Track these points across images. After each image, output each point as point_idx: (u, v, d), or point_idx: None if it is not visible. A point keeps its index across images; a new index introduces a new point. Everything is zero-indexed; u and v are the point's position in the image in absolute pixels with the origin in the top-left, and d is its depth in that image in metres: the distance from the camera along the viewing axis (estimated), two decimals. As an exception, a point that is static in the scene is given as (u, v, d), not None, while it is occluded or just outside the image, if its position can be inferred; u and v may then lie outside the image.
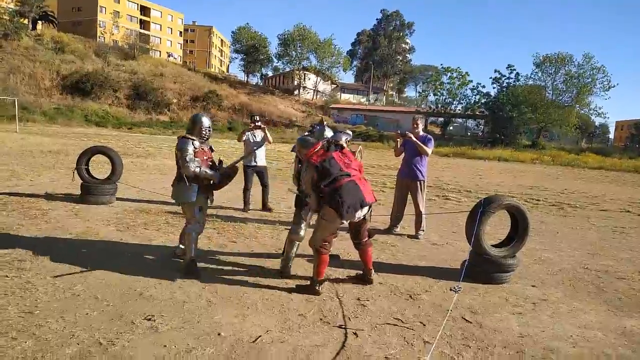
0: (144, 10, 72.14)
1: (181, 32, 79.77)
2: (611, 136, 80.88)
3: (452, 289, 4.13)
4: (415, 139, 6.13)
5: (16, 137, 19.75)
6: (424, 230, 6.28)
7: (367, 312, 3.52)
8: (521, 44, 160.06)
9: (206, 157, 4.24)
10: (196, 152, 4.11)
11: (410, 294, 3.98)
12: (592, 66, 45.25)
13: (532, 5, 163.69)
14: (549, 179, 17.31)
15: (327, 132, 4.17)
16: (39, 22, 54.91)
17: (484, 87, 49.63)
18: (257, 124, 7.20)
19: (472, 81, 48.06)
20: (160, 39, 73.48)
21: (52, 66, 42.17)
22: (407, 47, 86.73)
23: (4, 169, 9.87)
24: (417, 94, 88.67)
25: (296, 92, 65.31)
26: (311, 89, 66.64)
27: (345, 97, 72.20)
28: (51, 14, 56.74)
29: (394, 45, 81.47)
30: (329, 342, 2.99)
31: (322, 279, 3.86)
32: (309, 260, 4.71)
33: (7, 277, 3.72)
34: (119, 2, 66.51)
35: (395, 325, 3.32)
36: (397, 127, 36.83)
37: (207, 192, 4.26)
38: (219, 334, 2.99)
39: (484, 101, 47.53)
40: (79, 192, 7.08)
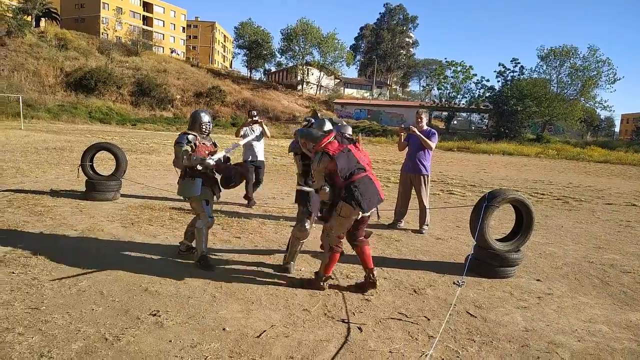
0: (147, 6, 72.14)
1: (184, 28, 79.75)
2: (617, 129, 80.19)
3: (455, 283, 4.13)
4: (419, 133, 6.11)
5: (21, 134, 19.85)
6: (428, 224, 6.27)
7: (371, 307, 3.52)
8: (526, 37, 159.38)
9: (208, 152, 4.28)
10: (197, 147, 4.15)
11: (414, 289, 3.98)
12: (598, 59, 44.89)
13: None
14: (553, 173, 17.23)
15: (327, 125, 3.95)
16: (42, 19, 54.97)
17: (488, 81, 49.31)
18: (255, 119, 7.23)
19: (476, 75, 47.68)
20: (163, 35, 73.53)
21: (55, 63, 42.21)
22: (411, 41, 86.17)
23: (10, 166, 9.93)
24: (421, 88, 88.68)
25: (299, 87, 65.11)
26: (314, 84, 66.39)
27: (348, 91, 71.88)
28: (54, 10, 56.77)
29: (397, 39, 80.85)
30: (333, 337, 3.00)
31: (328, 276, 3.83)
32: (313, 255, 4.73)
33: (13, 273, 3.75)
34: (122, -1, 66.60)
35: (399, 319, 3.33)
36: (401, 122, 36.68)
37: (211, 185, 4.29)
38: (224, 329, 3.01)
39: (488, 95, 47.11)
40: (84, 188, 7.12)
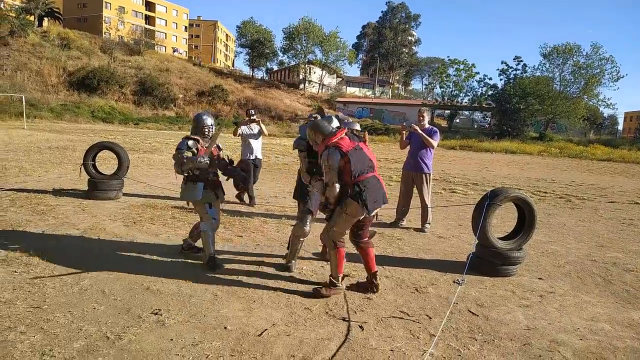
0: (149, 5, 72.22)
1: (186, 27, 79.76)
2: (620, 127, 79.91)
3: (455, 281, 4.12)
4: (421, 132, 6.10)
5: (24, 134, 19.92)
6: (430, 223, 6.26)
7: (372, 305, 3.52)
8: (528, 35, 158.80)
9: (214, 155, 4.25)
10: (199, 152, 4.09)
11: (416, 287, 3.98)
12: (601, 57, 44.64)
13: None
14: (556, 171, 17.17)
15: (335, 121, 3.77)
16: (45, 18, 55.07)
17: (491, 79, 49.32)
18: (252, 118, 7.26)
19: (478, 73, 47.70)
20: (165, 34, 73.63)
21: (58, 63, 42.32)
22: (413, 39, 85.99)
23: (12, 166, 9.96)
24: (423, 87, 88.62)
25: (302, 86, 65.08)
26: (317, 83, 66.34)
27: (351, 90, 71.88)
28: (57, 10, 56.84)
29: (399, 37, 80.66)
30: (334, 335, 3.00)
31: (343, 275, 3.76)
32: (314, 254, 4.73)
33: (15, 272, 3.76)
34: (124, -2, 66.67)
35: (401, 318, 3.32)
36: (403, 120, 36.66)
37: (214, 188, 4.27)
38: (225, 328, 3.01)
39: (490, 93, 46.97)
40: (86, 187, 7.14)
